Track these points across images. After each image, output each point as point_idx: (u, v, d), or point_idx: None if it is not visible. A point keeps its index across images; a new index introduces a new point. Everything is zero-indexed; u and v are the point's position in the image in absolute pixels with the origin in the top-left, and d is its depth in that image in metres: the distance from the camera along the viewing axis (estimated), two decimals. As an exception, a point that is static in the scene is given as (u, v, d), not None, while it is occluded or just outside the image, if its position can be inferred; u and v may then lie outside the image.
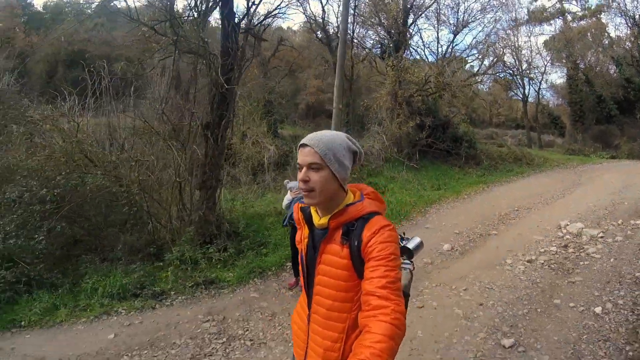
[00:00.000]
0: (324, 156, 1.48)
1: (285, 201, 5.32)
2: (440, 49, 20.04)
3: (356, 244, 1.48)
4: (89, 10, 31.75)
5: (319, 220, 1.60)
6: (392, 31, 15.10)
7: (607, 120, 22.92)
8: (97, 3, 27.60)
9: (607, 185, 10.72)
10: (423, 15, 17.94)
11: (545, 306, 4.42)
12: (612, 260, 5.63)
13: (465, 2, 19.80)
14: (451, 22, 19.40)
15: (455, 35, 19.57)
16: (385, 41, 16.46)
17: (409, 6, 15.67)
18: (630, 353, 3.48)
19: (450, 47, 19.94)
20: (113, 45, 28.36)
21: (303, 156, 1.52)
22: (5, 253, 5.32)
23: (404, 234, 1.92)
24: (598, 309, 4.23)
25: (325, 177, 1.49)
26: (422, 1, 16.96)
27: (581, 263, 5.63)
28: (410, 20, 16.42)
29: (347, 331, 1.53)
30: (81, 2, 33.33)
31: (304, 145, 1.53)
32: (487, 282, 5.14)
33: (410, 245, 1.88)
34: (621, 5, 23.08)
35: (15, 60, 10.39)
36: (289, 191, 5.30)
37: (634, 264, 5.44)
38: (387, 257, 1.40)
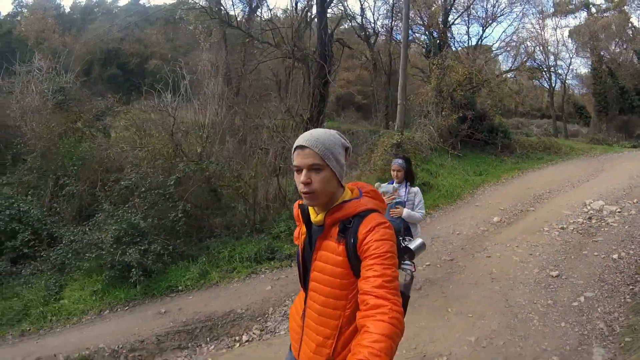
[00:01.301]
0: (323, 156, 1.52)
1: None
2: (470, 43, 21.48)
3: (352, 241, 1.51)
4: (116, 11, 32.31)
5: (316, 216, 1.64)
6: (434, 31, 17.14)
7: (630, 110, 24.12)
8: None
9: (626, 172, 12.48)
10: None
11: (576, 255, 6.39)
12: (626, 227, 7.51)
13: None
14: (480, 15, 21.09)
15: (484, 29, 21.29)
16: (428, 40, 18.40)
17: (448, 7, 17.59)
18: (638, 277, 5.51)
19: (480, 41, 21.63)
20: (146, 43, 29.83)
21: (302, 158, 1.54)
22: (145, 231, 6.14)
23: (403, 238, 1.98)
24: (615, 256, 6.17)
25: (327, 178, 1.54)
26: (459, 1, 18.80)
27: (602, 229, 7.52)
28: (450, 20, 18.35)
29: (341, 328, 1.57)
30: (108, 1, 34.75)
31: (302, 147, 1.55)
32: (532, 242, 7.07)
33: (412, 245, 1.90)
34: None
35: (53, 60, 11.66)
36: None
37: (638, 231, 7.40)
38: (383, 255, 1.43)
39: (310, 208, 1.67)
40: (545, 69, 25.47)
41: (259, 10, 16.69)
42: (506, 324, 4.43)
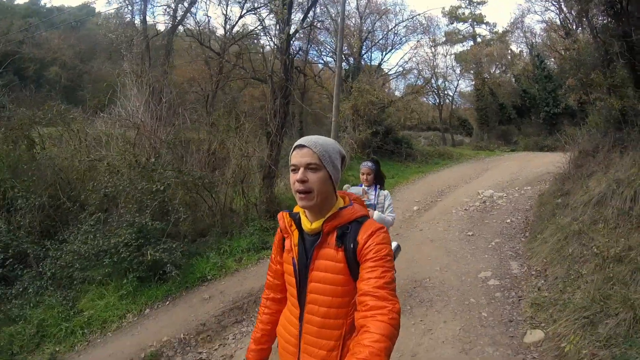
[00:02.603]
0: (321, 157, 1.55)
1: None
2: (371, 67, 24.69)
3: (352, 246, 1.54)
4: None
5: (310, 225, 1.64)
6: (351, 58, 19.92)
7: (508, 122, 29.21)
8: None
9: (508, 169, 15.90)
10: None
11: (481, 223, 8.72)
12: (512, 205, 10.17)
13: (395, 26, 24.78)
14: (381, 42, 24.52)
15: (384, 55, 24.68)
16: (347, 66, 21.13)
17: (362, 39, 20.57)
18: (527, 230, 7.92)
19: (380, 65, 25.07)
20: (45, 48, 26.91)
21: (300, 157, 1.57)
22: (159, 231, 6.39)
23: None
24: (508, 220, 8.63)
25: (323, 178, 1.56)
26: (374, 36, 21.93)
27: (495, 208, 10.07)
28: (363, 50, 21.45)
29: (344, 337, 1.59)
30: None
31: (300, 146, 1.58)
32: (447, 219, 9.30)
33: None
34: (521, 33, 29.85)
35: None
36: None
37: (524, 204, 9.97)
38: (384, 259, 1.48)
39: (302, 218, 1.68)
40: (435, 89, 29.67)
41: (182, 24, 17.83)
42: (452, 259, 6.55)
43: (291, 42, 9.95)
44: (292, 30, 9.49)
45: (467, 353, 3.88)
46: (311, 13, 12.02)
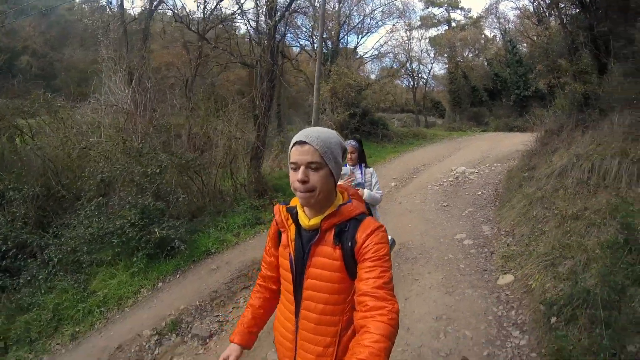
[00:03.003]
0: (323, 154, 1.51)
1: None
2: (347, 51, 25.26)
3: (350, 244, 1.54)
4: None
5: (308, 221, 1.62)
6: (329, 42, 20.48)
7: (480, 104, 30.37)
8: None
9: (479, 148, 16.80)
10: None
11: (455, 195, 9.49)
12: (482, 179, 10.97)
13: (372, 11, 25.49)
14: (358, 26, 25.08)
15: (360, 39, 25.27)
16: (325, 50, 21.63)
17: (340, 23, 21.11)
18: (496, 201, 8.74)
19: (356, 48, 25.63)
20: (16, 36, 26.07)
21: (301, 155, 1.52)
22: (162, 211, 6.85)
23: None
24: (479, 193, 9.41)
25: (325, 177, 1.53)
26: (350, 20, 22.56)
27: (467, 182, 10.85)
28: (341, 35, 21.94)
29: (340, 334, 1.60)
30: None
31: (302, 142, 1.53)
32: (423, 193, 10.02)
33: None
34: (495, 19, 30.98)
35: None
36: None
37: (494, 179, 10.77)
38: (382, 258, 1.49)
39: (300, 213, 1.67)
40: (410, 72, 30.52)
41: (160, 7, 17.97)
42: (430, 226, 7.27)
43: (277, 27, 10.44)
44: (277, 17, 9.96)
45: (450, 294, 4.63)
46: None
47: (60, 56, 27.21)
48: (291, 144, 1.57)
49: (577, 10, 9.64)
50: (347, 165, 4.53)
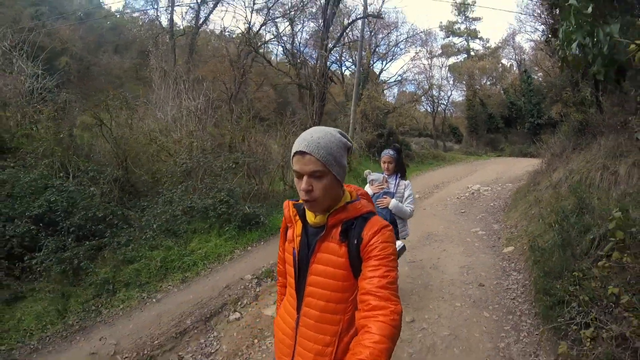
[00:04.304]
0: (325, 162, 1.52)
1: None
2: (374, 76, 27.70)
3: (356, 242, 1.56)
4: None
5: (314, 218, 1.66)
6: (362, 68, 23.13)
7: (496, 130, 32.78)
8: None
9: (493, 170, 18.86)
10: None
11: (470, 206, 11.47)
12: (495, 195, 12.90)
13: (399, 41, 27.93)
14: (382, 52, 27.52)
15: (385, 64, 27.72)
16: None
17: (372, 51, 23.68)
18: (506, 209, 10.79)
19: (380, 74, 28.17)
20: (55, 38, 26.74)
21: (303, 165, 1.54)
22: (239, 194, 8.73)
23: None
24: (491, 204, 11.40)
25: (329, 184, 1.56)
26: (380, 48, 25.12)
27: (481, 196, 12.79)
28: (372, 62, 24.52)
29: (340, 334, 1.62)
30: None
31: (302, 152, 1.53)
32: (444, 204, 12.00)
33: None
34: (511, 49, 33.80)
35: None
36: (368, 184, 4.66)
37: (505, 195, 12.62)
38: (388, 257, 1.51)
39: (307, 209, 1.69)
40: (430, 98, 32.99)
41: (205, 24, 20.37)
42: (451, 224, 9.29)
43: (329, 55, 12.76)
44: (330, 47, 12.31)
45: (469, 257, 6.75)
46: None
47: (97, 60, 28.92)
48: (292, 152, 1.58)
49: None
50: (383, 173, 4.56)
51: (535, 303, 4.79)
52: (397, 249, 2.08)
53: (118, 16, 30.96)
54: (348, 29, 19.27)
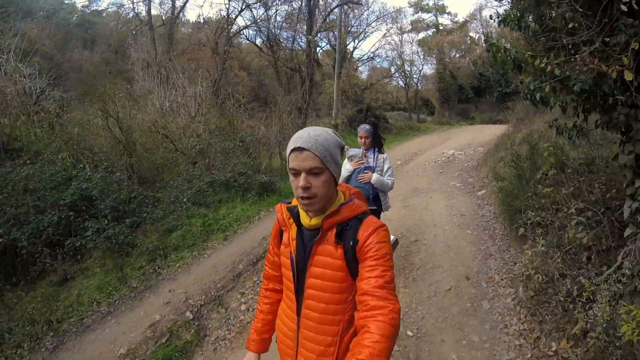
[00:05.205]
0: (323, 159, 1.55)
1: (345, 172, 4.69)
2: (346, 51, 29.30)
3: (351, 243, 1.60)
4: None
5: (309, 221, 1.68)
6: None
7: (466, 101, 34.87)
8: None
9: (465, 137, 20.78)
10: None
11: (447, 166, 13.20)
12: (468, 157, 14.64)
13: (367, 15, 29.50)
14: (355, 31, 29.10)
15: (357, 42, 29.33)
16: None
17: (347, 32, 25.31)
18: (473, 172, 12.68)
19: (352, 51, 29.74)
20: (25, 38, 28.06)
21: (301, 161, 1.55)
22: (245, 169, 9.80)
23: None
24: (465, 165, 13.17)
25: (327, 181, 1.59)
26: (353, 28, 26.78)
27: (456, 159, 14.52)
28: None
29: (341, 333, 1.67)
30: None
31: (300, 149, 1.55)
32: (424, 166, 13.67)
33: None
34: (479, 23, 35.82)
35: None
36: (347, 160, 4.76)
37: (477, 157, 14.38)
38: (384, 257, 1.55)
39: (301, 212, 1.73)
40: (402, 73, 34.71)
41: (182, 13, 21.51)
42: (432, 180, 11.07)
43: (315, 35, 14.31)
44: (314, 32, 13.89)
45: (450, 199, 8.59)
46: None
47: (68, 57, 29.16)
48: (288, 150, 1.60)
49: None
50: (361, 149, 4.68)
51: (503, 216, 6.70)
52: (392, 242, 1.94)
53: (89, 11, 31.18)
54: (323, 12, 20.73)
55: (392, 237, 2.57)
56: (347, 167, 4.66)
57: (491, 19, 4.20)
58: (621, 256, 3.47)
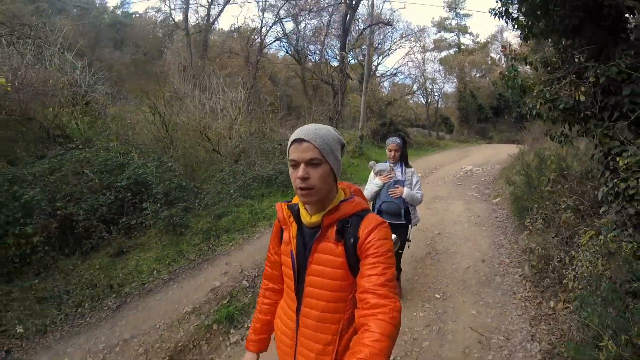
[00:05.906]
0: (322, 151, 1.58)
1: (374, 187, 4.63)
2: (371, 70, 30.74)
3: (352, 241, 1.61)
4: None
5: (309, 218, 1.70)
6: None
7: (485, 120, 35.89)
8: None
9: (483, 154, 21.95)
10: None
11: (465, 180, 14.36)
12: (485, 173, 15.79)
13: (392, 33, 30.91)
14: (379, 47, 30.58)
15: (381, 59, 30.84)
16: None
17: (374, 48, 26.84)
18: (490, 185, 13.93)
19: (377, 67, 31.22)
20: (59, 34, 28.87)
21: (301, 152, 1.58)
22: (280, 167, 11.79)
23: None
24: (482, 179, 14.40)
25: (325, 173, 1.60)
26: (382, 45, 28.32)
27: (474, 175, 15.69)
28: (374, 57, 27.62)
29: (341, 332, 1.68)
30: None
31: (300, 140, 1.59)
32: (443, 180, 14.87)
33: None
34: (499, 44, 36.95)
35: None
36: (373, 175, 4.73)
37: (494, 173, 15.52)
38: (385, 255, 1.56)
39: (301, 209, 1.74)
40: (424, 90, 36.08)
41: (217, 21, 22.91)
42: (452, 191, 12.27)
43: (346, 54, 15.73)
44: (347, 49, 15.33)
45: (468, 204, 9.84)
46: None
47: (98, 55, 29.99)
48: (289, 142, 1.63)
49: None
50: (388, 162, 4.65)
51: (513, 215, 8.01)
52: (393, 241, 2.18)
53: (121, 12, 32.71)
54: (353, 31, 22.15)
55: (393, 237, 2.67)
56: (376, 182, 4.63)
57: (504, 52, 5.58)
58: (598, 227, 4.73)
